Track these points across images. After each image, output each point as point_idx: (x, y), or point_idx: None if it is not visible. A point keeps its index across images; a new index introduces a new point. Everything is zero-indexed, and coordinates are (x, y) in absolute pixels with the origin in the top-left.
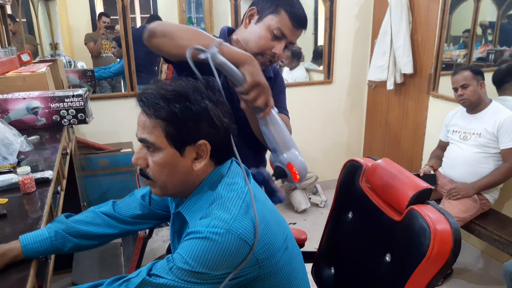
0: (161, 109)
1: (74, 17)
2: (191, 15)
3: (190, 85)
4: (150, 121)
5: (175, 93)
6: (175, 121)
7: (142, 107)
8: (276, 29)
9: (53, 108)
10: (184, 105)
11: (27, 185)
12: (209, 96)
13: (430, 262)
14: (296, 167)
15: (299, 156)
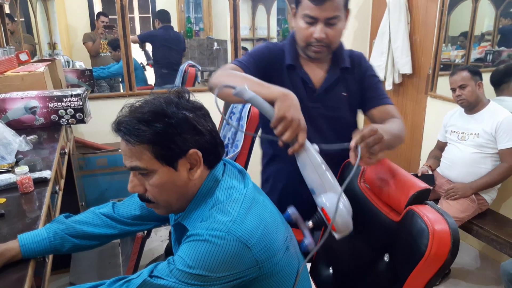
0: (144, 133)
1: (73, 17)
2: (189, 15)
3: (162, 100)
4: (136, 148)
5: (152, 113)
6: (160, 141)
7: (123, 137)
8: (304, 16)
9: (51, 107)
10: (164, 122)
11: (25, 185)
12: (184, 105)
13: (429, 262)
14: (329, 213)
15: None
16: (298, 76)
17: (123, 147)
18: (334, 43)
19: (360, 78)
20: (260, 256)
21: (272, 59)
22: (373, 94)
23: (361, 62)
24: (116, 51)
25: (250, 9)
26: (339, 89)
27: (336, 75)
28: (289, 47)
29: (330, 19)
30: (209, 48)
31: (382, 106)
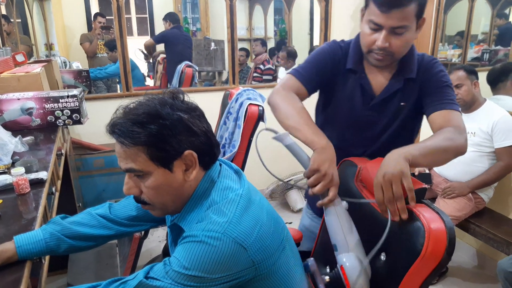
0: (138, 135)
1: (70, 18)
2: (186, 15)
3: (156, 101)
4: (131, 150)
5: (146, 114)
6: (155, 142)
7: (118, 139)
8: (369, 21)
9: (47, 108)
10: (158, 123)
11: (21, 186)
12: (178, 106)
13: (425, 261)
14: (348, 273)
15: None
16: (358, 81)
17: (118, 149)
18: (399, 53)
19: (422, 84)
20: (256, 256)
21: (334, 63)
22: (433, 98)
23: (428, 69)
24: (113, 52)
25: (247, 9)
26: (398, 99)
27: (398, 86)
28: (353, 49)
29: (396, 28)
30: (206, 48)
31: (440, 111)
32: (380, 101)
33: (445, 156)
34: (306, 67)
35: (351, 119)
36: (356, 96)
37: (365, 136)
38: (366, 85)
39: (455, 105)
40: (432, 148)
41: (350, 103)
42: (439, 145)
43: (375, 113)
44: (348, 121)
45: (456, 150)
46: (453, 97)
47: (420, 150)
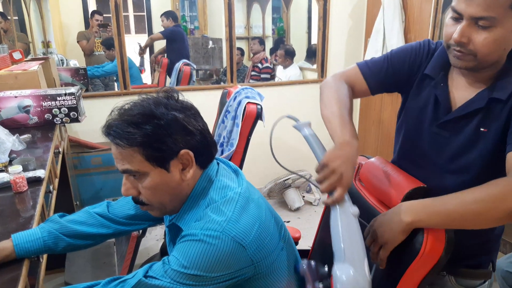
0: (134, 136)
1: (67, 15)
2: (184, 13)
3: (150, 101)
4: (127, 151)
5: (141, 115)
6: (151, 142)
7: (113, 141)
8: (451, 11)
9: (45, 106)
10: (153, 123)
11: (19, 184)
12: (173, 105)
13: (424, 260)
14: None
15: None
16: (433, 91)
17: (114, 150)
18: (482, 54)
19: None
20: (255, 255)
21: (414, 65)
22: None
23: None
24: (110, 50)
25: (245, 8)
26: (478, 121)
27: (479, 105)
28: (439, 52)
29: (478, 19)
30: (204, 46)
31: None
32: (454, 119)
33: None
34: (377, 61)
35: (417, 135)
36: (428, 108)
37: (429, 161)
38: (442, 96)
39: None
40: (451, 213)
41: (419, 115)
42: (463, 210)
43: (446, 133)
44: (412, 136)
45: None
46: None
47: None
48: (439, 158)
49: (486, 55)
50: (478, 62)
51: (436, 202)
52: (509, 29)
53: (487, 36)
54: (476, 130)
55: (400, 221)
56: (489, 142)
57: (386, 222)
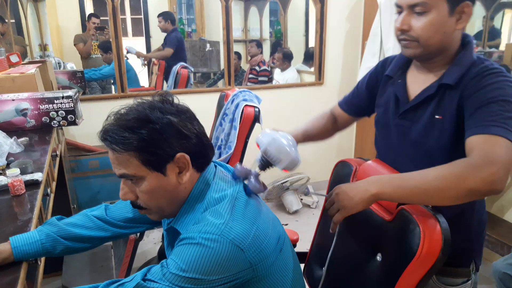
0: (129, 140)
1: (64, 18)
2: (181, 16)
3: (145, 105)
4: (123, 156)
5: (136, 119)
6: (146, 147)
7: (109, 146)
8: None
9: (42, 109)
10: (149, 128)
11: (16, 187)
12: (168, 109)
13: (420, 261)
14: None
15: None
16: (391, 87)
17: (111, 155)
18: (423, 38)
19: (463, 100)
20: (253, 258)
21: (382, 71)
22: (471, 121)
23: (476, 80)
24: (107, 54)
25: (243, 11)
26: (433, 109)
27: (430, 92)
28: (399, 55)
29: (413, 6)
30: (202, 49)
31: (472, 137)
32: (411, 108)
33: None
34: (351, 91)
35: (385, 128)
36: (390, 103)
37: (397, 151)
38: (399, 91)
39: (499, 127)
40: (414, 188)
41: (385, 110)
42: (426, 187)
43: (407, 123)
44: (382, 130)
45: (459, 191)
46: (499, 117)
47: (399, 188)
48: (404, 147)
49: (427, 39)
50: (423, 48)
51: (402, 176)
52: (443, 13)
53: (424, 20)
54: (431, 118)
55: (365, 191)
56: (445, 129)
57: (349, 189)
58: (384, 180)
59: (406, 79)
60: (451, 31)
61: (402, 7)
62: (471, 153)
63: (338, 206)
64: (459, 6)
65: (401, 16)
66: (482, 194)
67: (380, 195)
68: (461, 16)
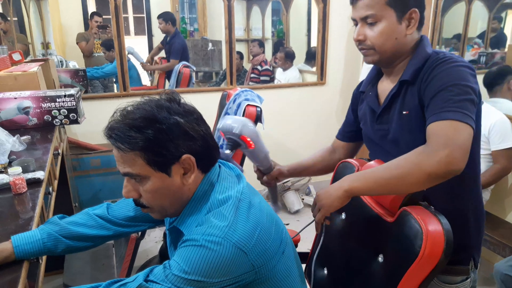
0: (135, 140)
1: (66, 16)
2: (184, 15)
3: (152, 104)
4: (128, 155)
5: (143, 119)
6: (152, 147)
7: (115, 144)
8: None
9: (44, 108)
10: (155, 128)
11: (18, 185)
12: (175, 109)
13: (423, 262)
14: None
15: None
16: (366, 100)
17: (116, 153)
18: (378, 45)
19: (420, 90)
20: (256, 260)
21: (358, 91)
22: (427, 112)
23: (431, 68)
24: (110, 52)
25: (245, 10)
26: (399, 106)
27: (394, 90)
28: (370, 71)
29: (364, 18)
30: (204, 48)
31: (429, 126)
32: (383, 111)
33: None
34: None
35: (369, 135)
36: (367, 113)
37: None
38: (371, 102)
39: (450, 112)
40: (379, 179)
41: (365, 121)
42: (389, 176)
43: (385, 126)
44: (368, 138)
45: (418, 177)
46: (449, 102)
47: (366, 181)
48: (387, 148)
49: (380, 46)
50: (380, 54)
51: (369, 171)
52: (392, 21)
53: (376, 29)
54: (400, 115)
55: (339, 188)
56: (414, 122)
57: (327, 190)
58: (356, 176)
59: (377, 90)
60: (402, 36)
61: (356, 20)
62: (428, 140)
63: (318, 206)
64: (406, 13)
65: (357, 28)
66: (441, 176)
67: (352, 189)
68: (409, 22)
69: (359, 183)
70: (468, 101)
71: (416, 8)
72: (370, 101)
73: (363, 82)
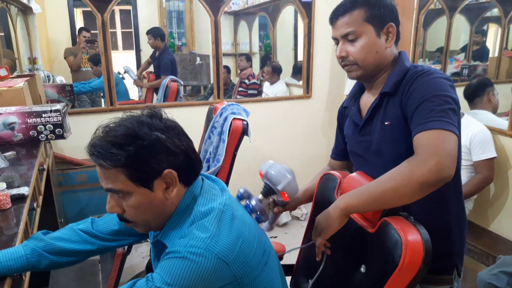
0: (117, 157)
1: (54, 31)
2: (172, 30)
3: (134, 121)
4: (110, 171)
5: (124, 136)
6: (134, 163)
7: (97, 161)
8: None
9: (30, 123)
10: (136, 144)
11: (2, 201)
12: (156, 125)
13: (403, 272)
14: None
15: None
16: (349, 115)
17: (98, 169)
18: (360, 60)
19: (402, 101)
20: (238, 271)
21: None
22: (412, 124)
23: (411, 81)
24: (97, 66)
25: (232, 25)
26: (381, 117)
27: (376, 101)
28: (353, 87)
29: (345, 35)
30: (192, 62)
31: (414, 138)
32: (365, 123)
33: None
34: None
35: (353, 148)
36: (350, 129)
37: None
38: (354, 115)
39: (434, 121)
40: (373, 194)
41: (349, 135)
42: (383, 190)
43: (368, 137)
44: (352, 150)
45: (412, 187)
46: (432, 112)
47: (361, 198)
48: (371, 159)
49: (363, 60)
50: (363, 69)
51: (363, 187)
52: (371, 36)
53: (357, 45)
54: (382, 125)
55: (336, 207)
56: (396, 132)
57: (325, 213)
58: (350, 194)
59: (359, 104)
60: (382, 49)
61: (337, 38)
62: (416, 150)
63: (318, 231)
64: (384, 28)
65: (339, 46)
66: (433, 184)
67: (348, 207)
68: (388, 36)
69: (355, 200)
70: (450, 110)
71: (392, 23)
72: (353, 115)
73: (346, 98)
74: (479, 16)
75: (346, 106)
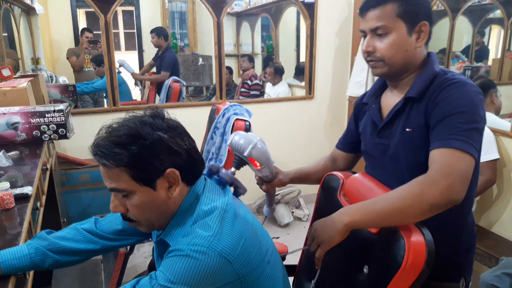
0: (120, 156)
1: (57, 32)
2: (174, 31)
3: (136, 121)
4: (113, 171)
5: (127, 136)
6: (136, 163)
7: (100, 161)
8: (360, 33)
9: (33, 123)
10: (139, 144)
11: (6, 201)
12: (159, 125)
13: (405, 273)
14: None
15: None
16: (368, 112)
17: (102, 169)
18: (388, 57)
19: (427, 110)
20: (241, 269)
21: (361, 102)
22: (433, 135)
23: (440, 89)
24: (100, 67)
25: (235, 26)
26: (403, 122)
27: (399, 105)
28: (374, 83)
29: (374, 30)
30: (194, 63)
31: (432, 152)
32: (385, 125)
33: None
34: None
35: (368, 148)
36: (368, 125)
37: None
38: (374, 114)
39: (456, 140)
40: (380, 212)
41: (365, 133)
42: (390, 208)
43: (385, 140)
44: (367, 150)
45: (421, 208)
46: (456, 129)
47: (367, 215)
48: (386, 164)
49: (391, 58)
50: (389, 66)
51: (368, 203)
52: (402, 33)
53: (386, 41)
54: (403, 131)
55: (338, 222)
56: (416, 140)
57: (326, 224)
58: (354, 209)
59: (380, 103)
60: (412, 49)
61: (365, 31)
62: (431, 166)
63: (317, 242)
64: (416, 26)
65: (366, 40)
66: (443, 206)
67: (352, 223)
68: (419, 35)
69: (360, 217)
70: (475, 130)
71: (426, 21)
72: (373, 114)
73: (367, 94)
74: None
75: (366, 102)
